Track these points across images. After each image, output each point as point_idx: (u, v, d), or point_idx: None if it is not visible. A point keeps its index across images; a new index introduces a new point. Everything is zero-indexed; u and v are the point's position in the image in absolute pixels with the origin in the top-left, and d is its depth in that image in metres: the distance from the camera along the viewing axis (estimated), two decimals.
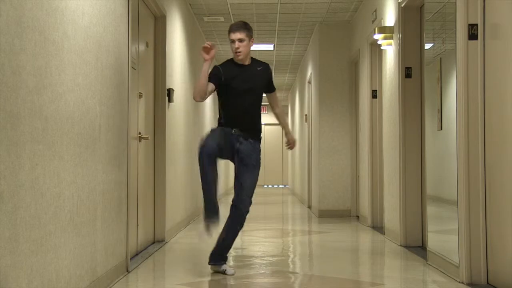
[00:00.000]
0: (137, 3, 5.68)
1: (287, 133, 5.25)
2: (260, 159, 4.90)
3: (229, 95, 4.86)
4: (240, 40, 4.81)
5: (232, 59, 4.96)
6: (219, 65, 4.95)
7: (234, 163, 4.88)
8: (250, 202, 4.81)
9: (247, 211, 4.80)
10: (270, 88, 5.09)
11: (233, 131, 4.81)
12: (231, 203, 4.81)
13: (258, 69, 4.95)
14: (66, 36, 3.35)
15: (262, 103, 5.12)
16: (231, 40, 4.84)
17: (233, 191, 4.97)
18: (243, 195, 4.78)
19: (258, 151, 4.90)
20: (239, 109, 4.85)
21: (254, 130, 4.90)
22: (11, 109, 2.63)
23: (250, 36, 4.87)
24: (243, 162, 4.81)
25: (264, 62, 5.07)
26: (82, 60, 3.64)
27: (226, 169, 16.36)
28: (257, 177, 4.89)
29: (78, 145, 3.54)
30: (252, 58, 5.00)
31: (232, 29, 4.86)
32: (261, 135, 4.99)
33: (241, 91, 4.83)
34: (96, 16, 3.96)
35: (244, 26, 4.87)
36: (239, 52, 4.82)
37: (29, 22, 2.82)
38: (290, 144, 5.22)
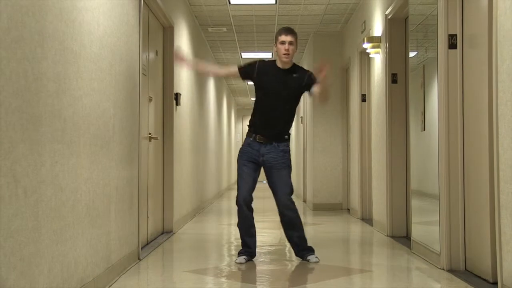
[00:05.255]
0: (148, 15, 5.70)
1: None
2: (288, 158, 4.67)
3: (259, 92, 4.63)
4: (291, 43, 4.56)
5: (275, 61, 4.69)
6: (261, 60, 4.71)
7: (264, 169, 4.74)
8: (289, 198, 4.69)
9: (292, 202, 4.70)
10: (308, 89, 4.68)
11: (257, 139, 4.62)
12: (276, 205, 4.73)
13: (294, 75, 4.63)
14: (83, 45, 3.37)
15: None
16: (282, 41, 4.55)
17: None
18: (280, 195, 4.68)
19: (284, 152, 4.65)
20: (267, 110, 4.60)
21: (278, 135, 4.64)
22: (34, 111, 2.65)
23: (297, 42, 4.63)
24: (271, 169, 4.67)
25: (305, 70, 4.74)
26: (97, 67, 3.66)
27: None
28: (289, 174, 4.70)
29: (94, 144, 3.56)
30: (294, 65, 4.71)
31: (285, 31, 4.59)
32: (287, 137, 4.69)
33: (271, 91, 4.59)
34: (110, 27, 3.98)
35: (294, 32, 4.62)
36: (288, 54, 4.55)
37: (49, 33, 2.84)
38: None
